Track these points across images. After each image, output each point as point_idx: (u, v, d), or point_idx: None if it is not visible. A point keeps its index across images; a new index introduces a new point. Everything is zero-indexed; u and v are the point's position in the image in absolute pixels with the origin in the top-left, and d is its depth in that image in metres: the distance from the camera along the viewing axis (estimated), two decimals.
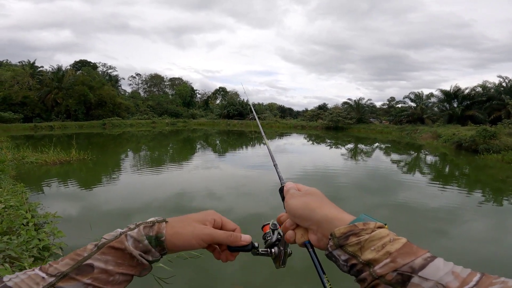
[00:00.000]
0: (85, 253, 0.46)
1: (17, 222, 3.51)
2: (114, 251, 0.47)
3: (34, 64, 41.70)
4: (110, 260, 0.46)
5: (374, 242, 0.41)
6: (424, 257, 0.38)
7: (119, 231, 0.49)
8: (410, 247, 0.40)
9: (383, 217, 6.09)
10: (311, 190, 0.57)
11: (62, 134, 25.59)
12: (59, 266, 0.44)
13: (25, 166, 10.01)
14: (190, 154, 16.67)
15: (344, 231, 0.44)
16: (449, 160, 16.34)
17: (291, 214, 0.55)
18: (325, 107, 47.17)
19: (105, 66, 55.82)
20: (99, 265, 0.45)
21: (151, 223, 0.51)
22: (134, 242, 0.48)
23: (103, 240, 0.48)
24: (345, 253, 0.43)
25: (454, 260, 0.40)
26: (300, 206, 0.53)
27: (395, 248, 0.40)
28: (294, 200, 0.55)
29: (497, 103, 28.09)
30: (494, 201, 7.93)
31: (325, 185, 8.80)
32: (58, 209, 4.38)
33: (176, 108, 50.85)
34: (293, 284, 3.57)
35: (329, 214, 0.49)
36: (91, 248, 0.47)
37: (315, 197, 0.54)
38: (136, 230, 0.49)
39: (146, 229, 0.50)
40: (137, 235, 0.48)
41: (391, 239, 0.41)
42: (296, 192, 0.58)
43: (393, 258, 0.39)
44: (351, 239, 0.43)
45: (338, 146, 22.27)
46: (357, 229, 0.43)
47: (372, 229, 0.43)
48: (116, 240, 0.47)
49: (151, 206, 6.45)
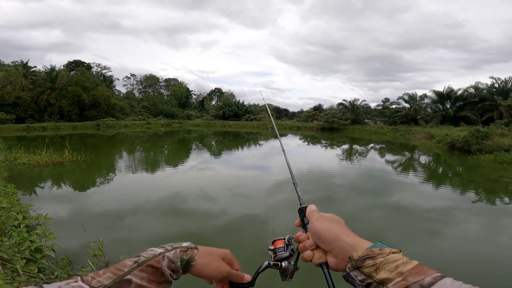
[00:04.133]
0: (126, 268, 0.51)
1: (9, 224, 3.46)
2: (151, 269, 0.52)
3: (27, 64, 41.15)
4: (145, 277, 0.51)
5: (388, 264, 0.46)
6: (433, 276, 0.42)
7: (157, 251, 0.55)
8: (421, 268, 0.44)
9: (377, 217, 6.14)
10: (336, 217, 0.62)
11: (55, 135, 25.31)
12: (102, 279, 0.48)
13: (17, 168, 9.87)
14: (185, 155, 16.60)
15: (361, 255, 0.49)
16: (442, 161, 16.50)
17: (315, 236, 0.59)
18: (320, 108, 47.26)
19: (99, 67, 55.50)
20: (136, 280, 0.50)
21: (185, 248, 0.58)
22: (168, 262, 0.54)
23: (142, 258, 0.53)
24: (361, 274, 0.48)
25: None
26: (328, 231, 0.57)
27: (407, 269, 0.44)
28: (321, 224, 0.60)
29: (489, 104, 28.43)
30: (487, 201, 8.02)
31: (320, 186, 8.82)
32: (50, 210, 4.32)
33: (171, 109, 50.63)
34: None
35: (352, 241, 0.54)
36: (131, 264, 0.51)
37: (339, 224, 0.60)
38: (173, 252, 0.56)
39: (181, 252, 0.57)
40: (173, 257, 0.55)
41: (404, 262, 0.46)
42: (323, 216, 0.62)
43: (405, 277, 0.43)
44: (368, 262, 0.48)
45: (333, 147, 22.36)
46: (373, 253, 0.48)
47: (387, 253, 0.48)
48: (154, 259, 0.53)
49: (145, 207, 6.41)
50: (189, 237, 4.53)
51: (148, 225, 5.43)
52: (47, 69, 38.86)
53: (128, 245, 4.51)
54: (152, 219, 5.74)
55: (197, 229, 5.19)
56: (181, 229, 5.31)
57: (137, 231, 5.16)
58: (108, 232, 4.84)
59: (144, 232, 5.06)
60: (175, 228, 5.39)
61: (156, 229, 5.26)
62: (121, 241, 4.69)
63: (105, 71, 55.49)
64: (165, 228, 5.36)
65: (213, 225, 5.48)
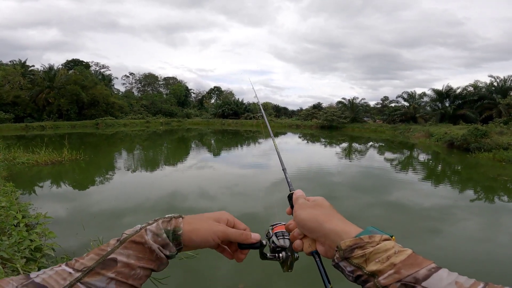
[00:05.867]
0: (109, 248, 0.48)
1: (8, 223, 3.45)
2: (135, 245, 0.49)
3: (25, 64, 40.96)
4: (131, 254, 0.48)
5: (379, 254, 0.43)
6: (428, 268, 0.39)
7: (138, 226, 0.52)
8: (415, 258, 0.41)
9: (376, 215, 6.14)
10: (319, 201, 0.58)
11: (54, 134, 25.26)
12: (85, 261, 0.46)
13: (16, 167, 9.85)
14: (184, 153, 16.59)
15: (349, 244, 0.45)
16: (441, 159, 16.53)
17: (299, 225, 0.56)
18: (319, 107, 47.26)
19: (98, 66, 55.22)
20: (122, 259, 0.47)
21: (168, 218, 0.53)
22: (153, 236, 0.50)
23: (124, 235, 0.50)
24: (350, 265, 0.45)
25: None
26: (308, 218, 0.54)
27: (399, 260, 0.41)
28: (302, 212, 0.56)
29: (488, 102, 28.49)
30: (486, 199, 8.05)
31: (319, 184, 8.84)
32: (50, 209, 4.33)
33: (170, 107, 50.51)
34: (289, 285, 3.58)
35: (336, 228, 0.50)
36: (114, 243, 0.49)
37: (323, 209, 0.56)
38: (155, 224, 0.52)
39: (164, 223, 0.52)
40: (156, 229, 0.51)
41: (396, 251, 0.42)
42: (305, 203, 0.58)
43: (397, 269, 0.40)
44: (356, 252, 0.44)
45: (333, 145, 22.39)
46: (362, 242, 0.45)
47: (378, 242, 0.44)
48: (136, 234, 0.50)
49: (144, 206, 6.41)
50: None
51: None
52: (46, 68, 38.69)
53: None
54: (152, 218, 5.72)
55: None
56: None
57: None
58: (107, 231, 4.83)
59: None
60: None
61: None
62: None
63: (104, 70, 55.34)
64: None
65: None
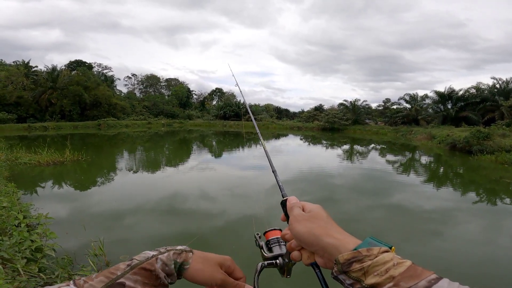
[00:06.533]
0: (118, 272, 0.49)
1: (9, 223, 3.46)
2: (144, 272, 0.51)
3: (28, 64, 41.23)
4: (139, 280, 0.50)
5: (377, 267, 0.42)
6: (428, 280, 0.38)
7: (150, 254, 0.53)
8: (415, 270, 0.40)
9: (378, 218, 6.11)
10: (315, 212, 0.56)
11: (56, 135, 25.36)
12: (94, 283, 0.47)
13: (18, 167, 9.89)
14: (185, 155, 16.61)
15: (347, 257, 0.45)
16: (443, 161, 16.47)
17: (296, 238, 0.55)
18: (321, 108, 47.19)
19: (100, 67, 55.55)
20: (129, 284, 0.49)
21: (179, 251, 0.56)
22: (162, 265, 0.52)
23: (135, 261, 0.51)
24: (349, 278, 0.44)
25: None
26: (305, 232, 0.53)
27: (398, 272, 0.40)
28: (298, 225, 0.54)
29: (490, 104, 28.36)
30: (488, 202, 8.00)
31: (320, 186, 8.82)
32: (51, 210, 4.33)
33: (172, 109, 50.63)
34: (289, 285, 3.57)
35: (334, 241, 0.49)
36: (124, 267, 0.50)
37: (320, 221, 0.54)
38: (166, 254, 0.54)
39: (175, 255, 0.55)
40: (166, 259, 0.53)
41: (395, 263, 0.42)
42: (300, 215, 0.56)
43: (396, 282, 0.40)
44: (355, 266, 0.44)
45: (334, 147, 22.34)
46: (360, 255, 0.44)
47: (376, 254, 0.44)
48: (147, 261, 0.52)
49: (145, 207, 6.41)
50: (189, 237, 4.54)
51: (148, 225, 5.43)
52: (49, 69, 38.87)
53: (128, 245, 4.52)
54: (153, 219, 5.75)
55: (197, 229, 5.19)
56: (181, 229, 5.31)
57: (137, 231, 5.16)
58: (108, 232, 4.84)
59: (144, 232, 5.07)
60: (175, 228, 5.39)
61: (157, 229, 5.26)
62: (121, 241, 4.70)
63: (106, 71, 55.62)
64: (165, 228, 5.36)
65: (213, 225, 5.48)
